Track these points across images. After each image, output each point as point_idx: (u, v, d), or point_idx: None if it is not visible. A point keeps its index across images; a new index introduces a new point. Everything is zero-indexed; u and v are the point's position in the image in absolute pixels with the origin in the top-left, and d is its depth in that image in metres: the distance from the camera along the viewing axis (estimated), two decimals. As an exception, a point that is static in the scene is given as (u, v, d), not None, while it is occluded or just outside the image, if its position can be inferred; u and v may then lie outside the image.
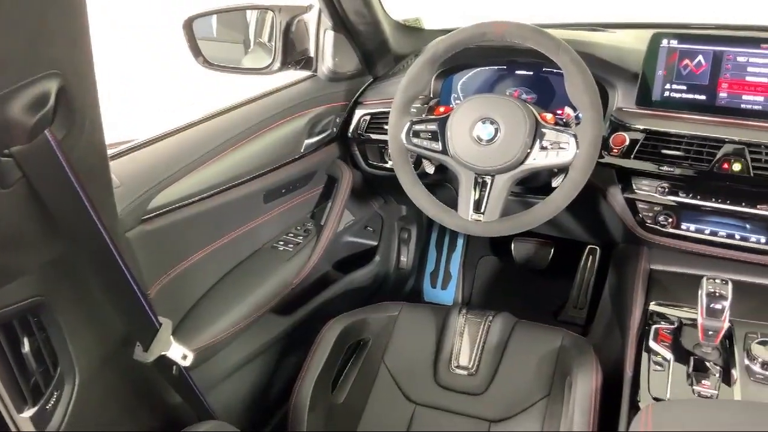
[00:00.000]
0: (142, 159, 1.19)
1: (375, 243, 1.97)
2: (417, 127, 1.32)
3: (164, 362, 1.02)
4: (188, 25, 1.44)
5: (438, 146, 1.30)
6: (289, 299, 1.51)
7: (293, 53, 1.54)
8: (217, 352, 1.29)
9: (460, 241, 2.24)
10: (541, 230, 1.75)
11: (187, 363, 1.04)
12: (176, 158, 1.22)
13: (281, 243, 1.52)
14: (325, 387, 1.36)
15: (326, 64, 1.56)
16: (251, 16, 1.56)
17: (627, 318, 1.39)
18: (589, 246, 2.03)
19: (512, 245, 2.09)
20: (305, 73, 1.60)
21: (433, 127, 1.31)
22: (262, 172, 1.41)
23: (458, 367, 1.39)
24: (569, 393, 1.25)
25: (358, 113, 1.62)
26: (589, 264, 2.03)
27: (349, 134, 1.64)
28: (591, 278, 2.01)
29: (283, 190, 1.51)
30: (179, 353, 1.02)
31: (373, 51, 1.59)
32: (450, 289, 2.22)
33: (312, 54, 1.57)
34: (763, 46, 1.23)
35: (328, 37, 1.52)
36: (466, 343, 1.42)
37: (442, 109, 1.34)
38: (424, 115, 1.36)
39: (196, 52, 1.47)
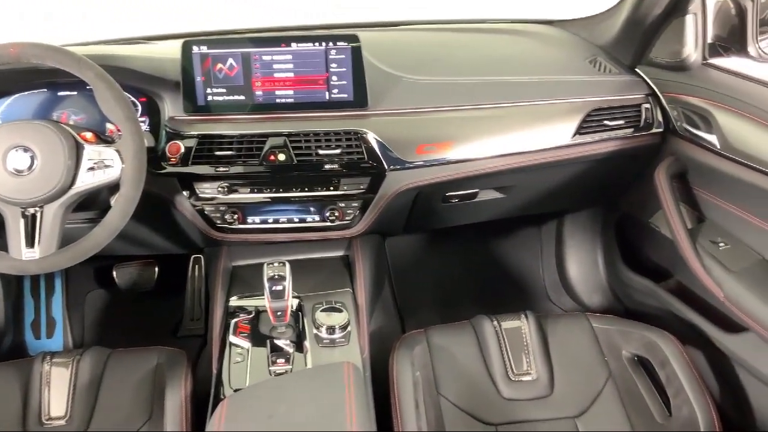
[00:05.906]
0: None
1: None
2: None
3: None
4: None
5: None
6: None
7: None
8: None
9: (58, 282, 2.04)
10: (126, 251, 1.69)
11: None
12: None
13: None
14: None
15: None
16: None
17: (211, 318, 1.43)
18: (193, 256, 2.03)
19: (113, 273, 1.99)
20: None
21: None
22: None
23: (51, 419, 1.26)
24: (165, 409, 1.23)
25: None
26: (196, 274, 2.04)
27: None
28: (201, 287, 2.03)
29: None
30: None
31: None
32: (57, 335, 2.01)
33: None
34: (282, 44, 1.37)
35: None
36: (56, 391, 1.29)
37: None
38: None
39: None
